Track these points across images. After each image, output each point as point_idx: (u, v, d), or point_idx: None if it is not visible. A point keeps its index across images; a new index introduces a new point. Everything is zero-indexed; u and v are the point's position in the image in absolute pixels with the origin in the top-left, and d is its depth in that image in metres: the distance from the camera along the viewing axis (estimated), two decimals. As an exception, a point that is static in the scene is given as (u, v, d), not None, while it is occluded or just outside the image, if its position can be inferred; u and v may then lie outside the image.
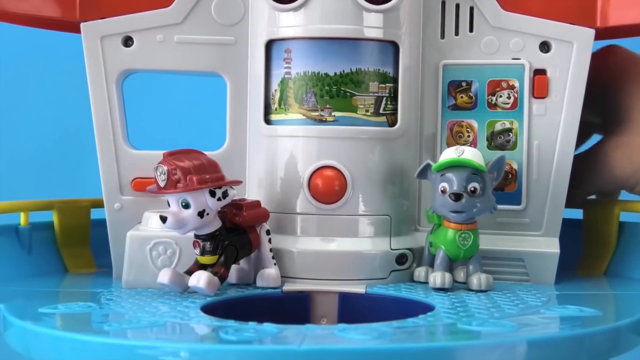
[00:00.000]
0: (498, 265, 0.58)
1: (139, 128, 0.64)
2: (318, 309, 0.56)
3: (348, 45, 0.57)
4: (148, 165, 0.54)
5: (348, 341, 0.41)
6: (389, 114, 0.58)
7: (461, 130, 0.61)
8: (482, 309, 0.49)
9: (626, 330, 0.45)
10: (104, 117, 0.61)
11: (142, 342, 0.41)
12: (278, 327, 0.42)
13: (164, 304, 0.50)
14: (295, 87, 0.58)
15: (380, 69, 0.58)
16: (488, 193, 0.55)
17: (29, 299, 0.52)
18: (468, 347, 0.40)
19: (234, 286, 0.56)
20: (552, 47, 0.60)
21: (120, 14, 0.61)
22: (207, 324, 0.45)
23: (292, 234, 0.58)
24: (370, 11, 0.57)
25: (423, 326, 0.45)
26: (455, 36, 0.61)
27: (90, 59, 0.61)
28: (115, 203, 0.61)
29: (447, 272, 0.55)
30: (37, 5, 0.61)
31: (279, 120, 0.59)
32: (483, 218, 0.56)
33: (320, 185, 0.57)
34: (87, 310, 0.48)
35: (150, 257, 0.56)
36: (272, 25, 0.58)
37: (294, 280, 0.57)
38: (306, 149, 0.58)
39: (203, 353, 0.39)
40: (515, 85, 0.60)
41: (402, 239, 0.59)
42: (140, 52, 0.61)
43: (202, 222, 0.52)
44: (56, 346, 0.42)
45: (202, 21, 0.61)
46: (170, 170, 0.51)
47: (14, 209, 0.61)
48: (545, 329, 0.46)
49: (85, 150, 0.63)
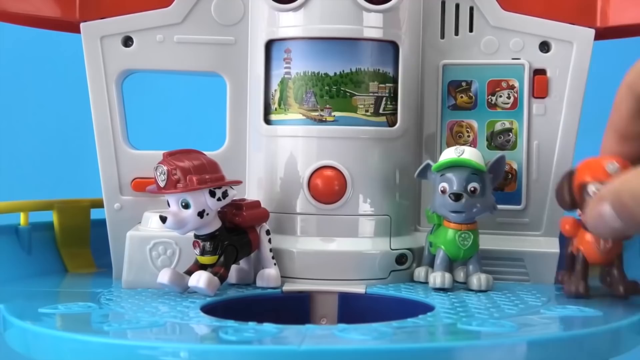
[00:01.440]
0: (498, 265, 0.58)
1: (139, 128, 0.64)
2: (318, 309, 0.56)
3: (348, 45, 0.57)
4: (148, 165, 0.54)
5: (348, 341, 0.41)
6: (389, 114, 0.58)
7: (461, 130, 0.61)
8: (482, 309, 0.49)
9: (626, 330, 0.45)
10: (104, 117, 0.61)
11: (142, 342, 0.41)
12: (278, 327, 0.42)
13: (164, 304, 0.50)
14: (295, 87, 0.58)
15: (380, 69, 0.58)
16: (488, 193, 0.55)
17: (29, 299, 0.52)
18: (468, 348, 0.40)
19: (234, 286, 0.56)
20: (552, 47, 0.60)
21: (120, 14, 0.61)
22: (207, 324, 0.45)
23: (292, 234, 0.58)
24: (370, 11, 0.57)
25: (423, 326, 0.45)
26: (455, 36, 0.61)
27: (90, 59, 0.61)
28: (115, 203, 0.61)
29: (447, 272, 0.55)
30: (37, 5, 0.61)
31: (279, 120, 0.59)
32: (483, 218, 0.56)
33: (320, 185, 0.57)
34: (87, 311, 0.48)
35: (150, 257, 0.56)
36: (271, 25, 0.58)
37: (294, 280, 0.57)
38: (306, 149, 0.58)
39: (203, 353, 0.39)
40: (515, 85, 0.60)
41: (402, 239, 0.59)
42: (140, 52, 0.61)
43: (202, 222, 0.52)
44: (56, 346, 0.42)
45: (201, 21, 0.61)
46: (170, 170, 0.51)
47: (14, 209, 0.61)
48: (545, 329, 0.46)
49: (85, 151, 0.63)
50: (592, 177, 0.51)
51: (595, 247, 0.52)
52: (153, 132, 0.78)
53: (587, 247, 0.53)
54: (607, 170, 0.51)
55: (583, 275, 0.53)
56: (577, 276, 0.53)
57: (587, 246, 0.53)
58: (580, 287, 0.52)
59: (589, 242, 0.53)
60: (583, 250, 0.53)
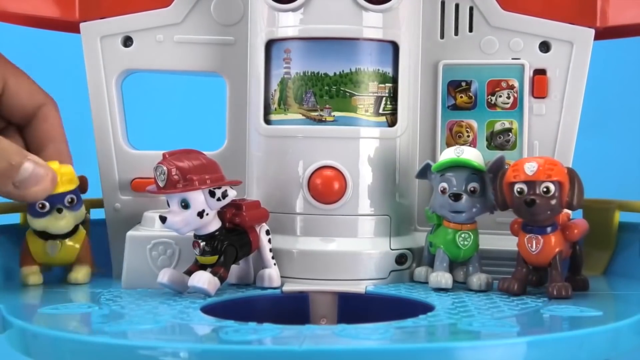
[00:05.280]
0: (498, 265, 0.58)
1: (139, 128, 0.64)
2: (318, 309, 0.56)
3: (347, 45, 0.57)
4: (148, 165, 0.54)
5: (348, 341, 0.41)
6: (389, 114, 0.58)
7: (461, 130, 0.61)
8: (482, 309, 0.49)
9: (626, 330, 0.45)
10: (103, 117, 0.61)
11: (142, 342, 0.41)
12: (278, 327, 0.42)
13: (163, 304, 0.50)
14: (294, 87, 0.58)
15: (379, 69, 0.58)
16: (488, 193, 0.55)
17: (29, 299, 0.52)
18: (468, 348, 0.40)
19: (234, 286, 0.56)
20: (551, 47, 0.60)
21: (120, 14, 0.61)
22: (207, 324, 0.45)
23: (292, 234, 0.58)
24: (370, 11, 0.57)
25: (423, 326, 0.45)
26: (455, 36, 0.61)
27: (90, 59, 0.61)
28: (115, 203, 0.61)
29: (447, 272, 0.55)
30: (37, 5, 0.61)
31: (279, 120, 0.59)
32: (483, 218, 0.56)
33: (320, 185, 0.57)
34: (87, 311, 0.48)
35: (150, 257, 0.56)
36: (271, 25, 0.58)
37: (294, 280, 0.57)
38: (306, 149, 0.57)
39: (203, 353, 0.39)
40: (515, 85, 0.60)
41: (402, 239, 0.59)
42: (140, 52, 0.61)
43: (201, 222, 0.52)
44: (56, 346, 0.42)
45: (201, 21, 0.61)
46: (170, 170, 0.51)
47: (14, 209, 0.61)
48: (545, 329, 0.46)
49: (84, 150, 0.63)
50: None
51: (527, 248, 0.53)
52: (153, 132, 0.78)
53: (521, 247, 0.53)
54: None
55: (518, 274, 0.53)
56: (513, 274, 0.53)
57: (521, 247, 0.53)
58: (512, 285, 0.53)
59: (521, 243, 0.53)
60: (519, 251, 0.53)
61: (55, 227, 0.57)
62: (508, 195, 0.52)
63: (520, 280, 0.53)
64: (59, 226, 0.57)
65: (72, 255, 0.58)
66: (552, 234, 0.52)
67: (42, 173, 0.55)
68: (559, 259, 0.52)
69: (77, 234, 0.58)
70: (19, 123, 0.62)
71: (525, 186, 0.51)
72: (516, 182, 0.52)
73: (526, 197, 0.51)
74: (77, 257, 0.58)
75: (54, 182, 0.56)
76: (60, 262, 0.58)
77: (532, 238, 0.52)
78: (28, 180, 0.54)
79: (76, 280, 0.58)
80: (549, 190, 0.51)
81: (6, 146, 0.54)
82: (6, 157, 0.53)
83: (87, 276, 0.58)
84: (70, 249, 0.58)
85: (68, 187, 0.57)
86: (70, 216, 0.57)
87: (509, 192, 0.52)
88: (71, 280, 0.58)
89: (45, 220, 0.56)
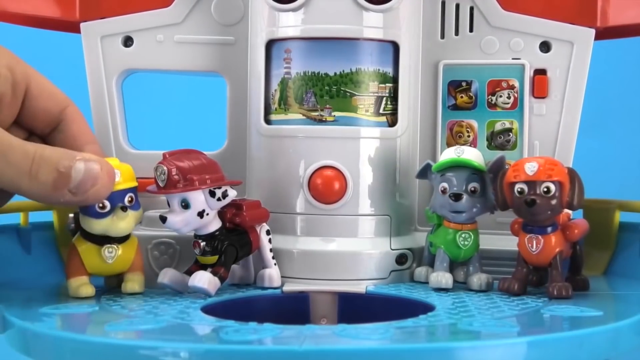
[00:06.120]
0: (498, 265, 0.58)
1: (139, 128, 0.64)
2: (318, 309, 0.56)
3: (348, 45, 0.57)
4: (148, 165, 0.54)
5: (348, 341, 0.41)
6: (389, 113, 0.58)
7: (461, 130, 0.61)
8: (482, 309, 0.49)
9: (626, 330, 0.45)
10: (104, 117, 0.61)
11: (142, 342, 0.41)
12: (278, 327, 0.42)
13: (164, 304, 0.50)
14: (295, 87, 0.58)
15: (380, 68, 0.58)
16: (488, 193, 0.55)
17: (29, 299, 0.52)
18: (468, 348, 0.40)
19: (234, 286, 0.56)
20: (552, 47, 0.60)
21: (120, 14, 0.61)
22: (207, 324, 0.45)
23: (292, 234, 0.58)
24: (370, 11, 0.57)
25: (423, 326, 0.45)
26: (455, 36, 0.61)
27: (90, 59, 0.61)
28: (115, 203, 0.61)
29: (447, 272, 0.55)
30: (37, 5, 0.61)
31: (279, 120, 0.59)
32: (483, 218, 0.56)
33: (320, 185, 0.57)
34: (87, 310, 0.48)
35: (151, 257, 0.56)
36: (271, 25, 0.58)
37: (294, 280, 0.57)
38: (306, 149, 0.57)
39: (203, 353, 0.39)
40: (515, 85, 0.60)
41: (402, 239, 0.59)
42: (140, 52, 0.61)
43: (202, 222, 0.52)
44: (56, 346, 0.42)
45: (202, 21, 0.61)
46: (170, 170, 0.51)
47: (14, 209, 0.61)
48: (545, 329, 0.46)
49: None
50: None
51: (527, 248, 0.53)
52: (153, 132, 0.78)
53: (522, 247, 0.53)
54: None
55: (519, 274, 0.53)
56: (514, 274, 0.53)
57: (521, 247, 0.53)
58: (512, 285, 0.53)
59: (522, 243, 0.53)
60: (520, 251, 0.53)
61: (116, 229, 0.51)
62: (508, 195, 0.52)
63: (521, 280, 0.53)
64: (119, 228, 0.51)
65: (128, 262, 0.52)
66: (553, 234, 0.52)
67: (97, 169, 0.49)
68: (560, 259, 0.52)
69: (131, 239, 0.53)
70: (42, 131, 0.54)
71: (525, 186, 0.51)
72: (516, 182, 0.52)
73: (526, 197, 0.51)
74: (131, 264, 0.53)
75: (112, 176, 0.50)
76: (113, 271, 0.53)
77: (532, 238, 0.52)
78: (84, 182, 0.48)
79: (133, 290, 0.52)
80: (549, 190, 0.51)
81: (50, 153, 0.48)
82: (53, 166, 0.47)
83: (143, 285, 0.53)
84: (126, 255, 0.52)
85: (128, 185, 0.52)
86: (132, 216, 0.52)
87: (510, 192, 0.52)
88: (127, 290, 0.52)
89: (106, 222, 0.51)
